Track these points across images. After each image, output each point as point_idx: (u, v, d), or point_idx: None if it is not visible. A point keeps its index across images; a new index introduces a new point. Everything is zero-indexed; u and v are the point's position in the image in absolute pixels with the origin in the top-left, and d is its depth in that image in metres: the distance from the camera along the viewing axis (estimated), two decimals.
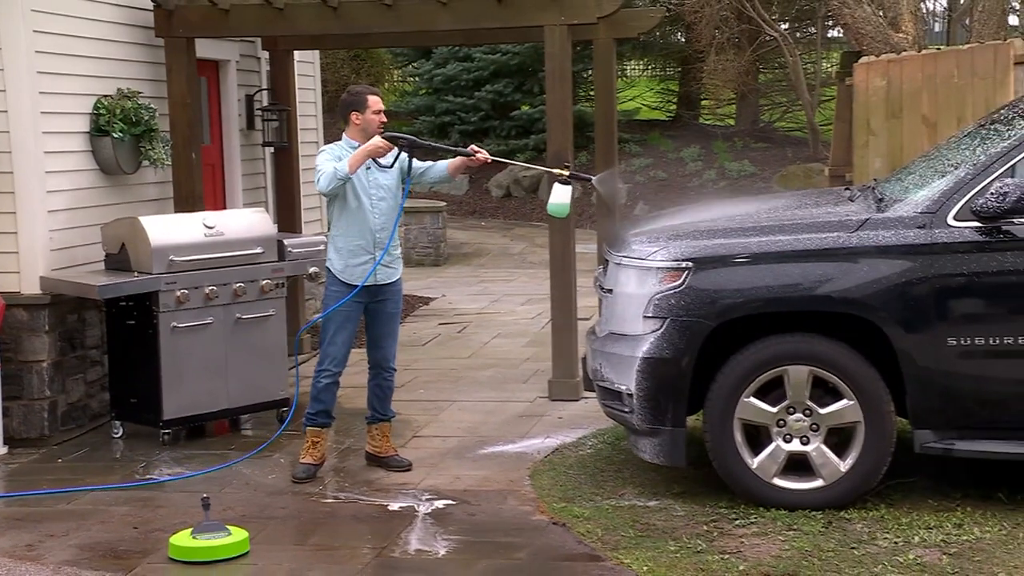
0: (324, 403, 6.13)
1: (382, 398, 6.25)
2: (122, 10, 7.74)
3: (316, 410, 6.13)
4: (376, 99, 6.11)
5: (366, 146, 5.91)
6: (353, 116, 6.07)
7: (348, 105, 6.10)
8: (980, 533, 5.01)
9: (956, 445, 5.26)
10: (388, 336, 6.21)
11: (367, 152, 5.90)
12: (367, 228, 6.01)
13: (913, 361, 5.21)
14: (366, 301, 6.07)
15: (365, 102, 6.06)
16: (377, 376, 6.24)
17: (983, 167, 5.30)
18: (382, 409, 6.26)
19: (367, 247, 6.01)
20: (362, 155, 5.89)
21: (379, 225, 6.02)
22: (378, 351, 6.20)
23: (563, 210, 6.07)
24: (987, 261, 5.19)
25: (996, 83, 8.05)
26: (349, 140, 6.09)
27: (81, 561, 5.09)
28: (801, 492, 5.34)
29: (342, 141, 6.11)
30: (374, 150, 5.91)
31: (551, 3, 7.46)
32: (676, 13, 17.63)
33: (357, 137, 6.07)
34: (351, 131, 6.09)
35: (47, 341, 6.94)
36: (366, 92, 6.15)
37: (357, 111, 6.06)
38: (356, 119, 6.06)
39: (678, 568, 4.75)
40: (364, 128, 6.06)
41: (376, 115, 6.07)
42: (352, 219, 6.01)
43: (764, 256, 5.37)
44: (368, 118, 6.05)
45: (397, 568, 4.96)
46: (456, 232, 16.21)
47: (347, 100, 6.14)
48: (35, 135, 6.93)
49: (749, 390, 5.34)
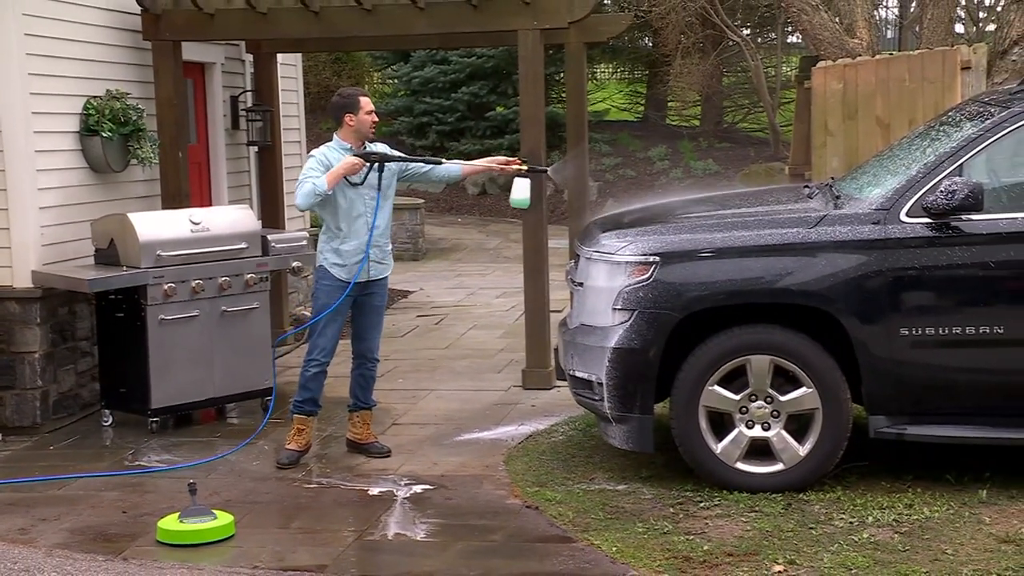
0: (311, 391, 6.10)
1: (364, 387, 6.23)
2: (111, 14, 7.68)
3: (304, 398, 6.10)
4: (368, 100, 6.05)
5: (343, 165, 5.86)
6: (347, 118, 6.00)
7: (341, 107, 6.02)
8: (929, 512, 5.05)
9: (908, 430, 5.29)
10: (373, 327, 6.18)
11: (344, 170, 5.86)
12: (362, 227, 5.96)
13: (868, 351, 5.24)
14: (355, 294, 6.05)
15: (358, 103, 6.00)
16: (361, 366, 6.21)
17: (933, 166, 5.33)
18: (364, 398, 6.24)
19: (361, 245, 5.97)
20: (339, 173, 5.85)
21: (373, 225, 5.97)
22: (363, 342, 6.18)
23: (524, 202, 6.22)
24: (937, 256, 5.22)
25: (945, 87, 8.11)
26: (341, 142, 6.02)
27: (72, 544, 5.06)
28: (762, 476, 5.37)
29: (333, 143, 6.04)
30: (350, 168, 5.87)
31: (524, 8, 7.45)
32: (644, 19, 17.64)
33: (349, 138, 6.01)
34: (344, 132, 6.03)
35: (39, 333, 6.88)
36: (358, 94, 6.09)
37: (351, 113, 5.99)
38: (350, 120, 6.00)
39: (646, 549, 4.77)
40: (357, 129, 6.00)
41: (368, 115, 6.01)
42: (346, 218, 5.96)
43: (727, 251, 5.38)
44: (361, 119, 5.99)
45: (377, 550, 4.96)
46: (434, 228, 16.18)
47: (340, 102, 6.06)
48: (26, 134, 6.86)
49: (713, 379, 5.36)
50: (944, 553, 4.63)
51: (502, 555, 4.85)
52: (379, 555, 4.90)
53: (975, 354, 5.23)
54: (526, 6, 7.43)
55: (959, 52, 8.28)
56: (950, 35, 11.32)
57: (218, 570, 4.74)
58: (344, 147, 6.00)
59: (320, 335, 6.04)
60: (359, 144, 6.03)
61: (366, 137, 6.06)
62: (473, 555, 4.84)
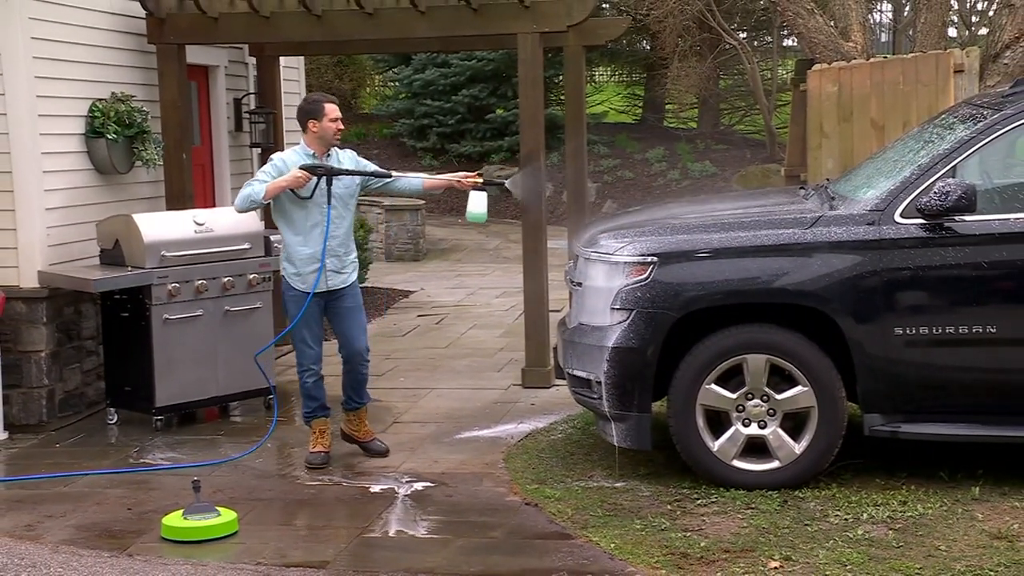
0: (317, 399, 6.06)
1: (357, 388, 6.12)
2: (116, 18, 7.68)
3: (312, 407, 6.06)
4: (333, 107, 5.91)
5: (287, 177, 5.75)
6: (311, 124, 5.88)
7: (306, 113, 5.91)
8: (923, 509, 5.05)
9: (902, 428, 5.30)
10: (354, 328, 6.02)
11: (288, 183, 5.76)
12: (318, 236, 5.85)
13: (863, 350, 5.25)
14: (324, 302, 5.95)
15: (322, 110, 5.87)
16: (352, 369, 6.08)
17: (927, 168, 5.34)
18: (358, 397, 6.15)
19: (317, 255, 5.85)
20: (282, 184, 5.75)
21: (329, 234, 5.86)
22: (350, 345, 6.02)
23: (481, 216, 6.05)
24: (931, 256, 5.22)
25: (938, 90, 8.12)
26: (306, 148, 5.92)
27: (78, 540, 5.06)
28: (759, 473, 5.37)
29: (299, 148, 5.94)
30: (293, 181, 5.76)
31: (524, 12, 7.45)
32: (642, 22, 17.64)
33: (314, 144, 5.90)
34: (308, 138, 5.91)
35: (45, 332, 6.88)
36: (323, 100, 5.95)
37: (314, 119, 5.87)
38: (313, 127, 5.87)
39: (644, 545, 4.77)
40: (321, 136, 5.88)
41: (333, 123, 5.88)
42: (301, 228, 5.87)
43: (724, 251, 5.38)
44: (325, 126, 5.87)
45: (378, 547, 4.96)
46: (434, 228, 16.18)
47: (305, 108, 5.95)
48: (33, 136, 6.87)
49: (710, 377, 5.36)
50: (937, 549, 4.64)
51: (502, 552, 4.85)
52: (380, 552, 4.90)
53: (968, 353, 5.23)
54: (525, 10, 7.43)
55: (952, 56, 8.28)
56: (943, 39, 11.33)
57: (222, 566, 4.74)
58: (308, 153, 5.89)
59: (302, 344, 5.95)
60: (322, 151, 5.92)
61: (330, 144, 5.93)
62: (473, 552, 4.84)
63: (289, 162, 5.89)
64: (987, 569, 4.43)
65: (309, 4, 7.59)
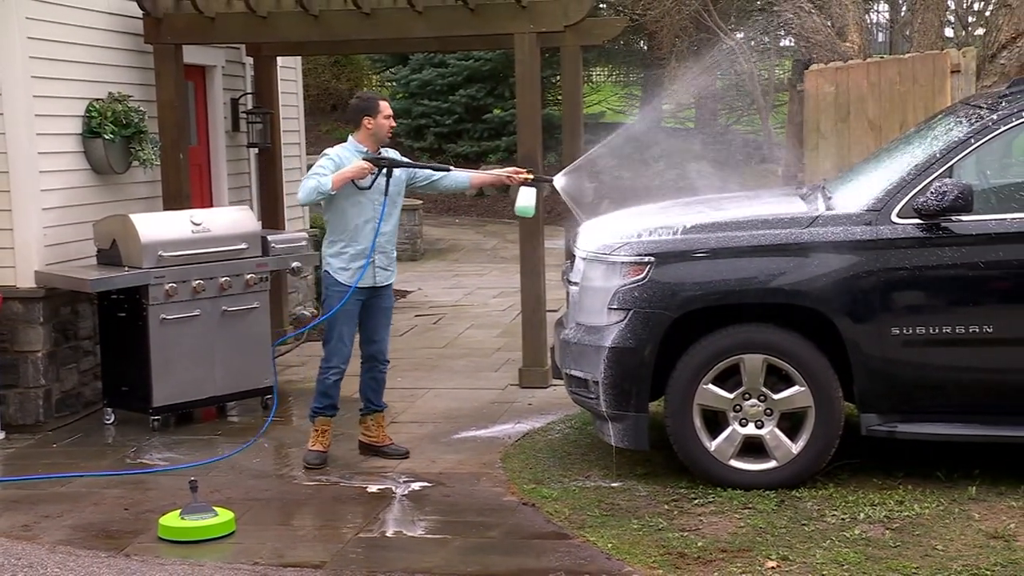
0: (332, 397, 6.06)
1: (376, 390, 6.14)
2: (113, 18, 7.67)
3: (325, 404, 6.05)
4: (387, 105, 5.99)
5: (352, 168, 5.81)
6: (365, 120, 5.92)
7: (361, 110, 5.95)
8: (920, 509, 5.05)
9: (899, 428, 5.30)
10: (383, 329, 6.11)
11: (353, 173, 5.81)
12: (369, 231, 5.90)
13: (860, 350, 5.25)
14: (364, 298, 5.99)
15: (377, 107, 5.93)
16: (372, 369, 6.12)
17: (924, 168, 5.34)
18: (376, 400, 6.16)
19: (367, 252, 5.90)
20: (348, 175, 5.80)
21: (380, 231, 5.91)
22: (374, 344, 6.09)
23: (529, 211, 6.16)
24: (928, 256, 5.22)
25: (935, 90, 8.12)
26: (357, 144, 5.95)
27: (75, 540, 5.05)
28: (756, 473, 5.37)
29: (348, 144, 5.97)
30: (359, 172, 5.82)
31: (521, 12, 7.44)
32: (639, 22, 17.64)
33: (367, 141, 5.94)
34: (361, 135, 5.95)
35: (42, 332, 6.88)
36: (378, 98, 6.03)
37: (370, 116, 5.91)
38: (368, 123, 5.92)
39: (641, 545, 4.77)
40: (375, 132, 5.93)
41: (387, 120, 5.95)
42: (353, 222, 5.90)
43: (721, 251, 5.38)
44: (380, 123, 5.92)
45: (376, 546, 4.95)
46: (431, 228, 16.18)
47: (359, 105, 6.00)
48: (30, 136, 6.86)
49: (708, 377, 5.36)
50: (934, 549, 4.64)
51: (499, 551, 4.85)
52: (378, 552, 4.90)
53: (965, 353, 5.23)
54: (522, 10, 7.43)
55: (949, 56, 8.29)
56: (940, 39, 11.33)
57: (219, 566, 4.74)
58: (360, 150, 5.94)
59: (339, 341, 5.96)
60: (375, 148, 5.97)
61: (383, 141, 6.00)
62: (471, 551, 4.84)
63: (343, 158, 5.91)
64: (983, 568, 4.43)
65: (306, 4, 7.59)
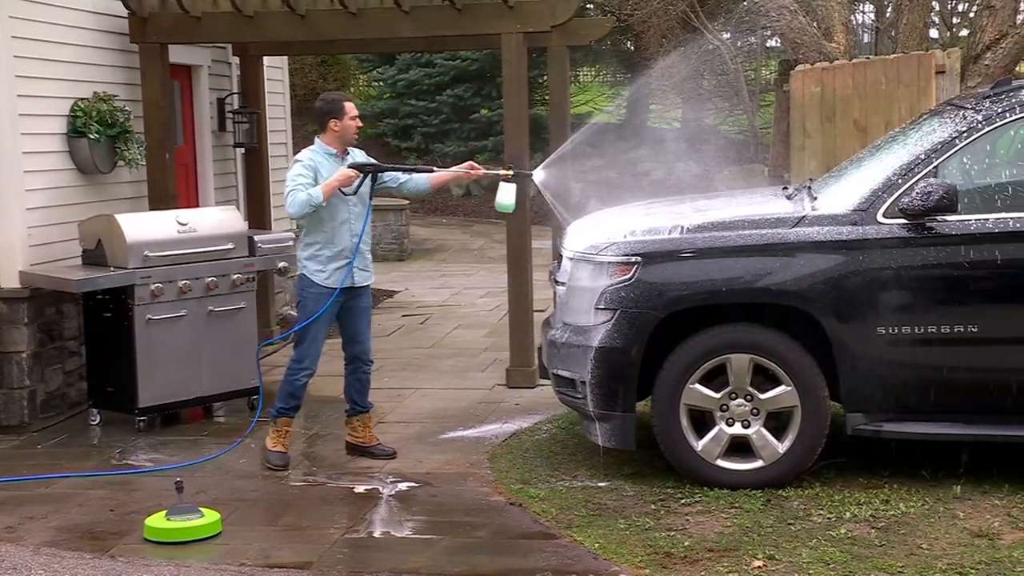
0: (299, 398, 6.07)
1: (361, 391, 6.14)
2: (98, 17, 7.64)
3: (292, 405, 6.05)
4: (352, 106, 5.98)
5: (338, 176, 5.81)
6: (331, 123, 5.91)
7: (326, 113, 5.94)
8: (905, 508, 5.07)
9: (884, 427, 5.31)
10: (365, 330, 6.11)
11: (339, 182, 5.81)
12: (345, 233, 5.91)
13: (846, 349, 5.26)
14: (343, 300, 5.98)
15: (343, 109, 5.92)
16: (356, 370, 6.12)
17: (909, 168, 5.36)
18: (362, 402, 6.15)
19: (345, 252, 5.91)
20: (335, 184, 5.80)
21: (355, 231, 5.92)
22: (357, 346, 6.09)
23: (509, 207, 6.15)
24: (913, 256, 5.24)
25: (920, 90, 8.16)
26: (325, 146, 5.94)
27: (60, 542, 5.03)
28: (742, 472, 5.38)
29: (316, 147, 5.96)
30: (346, 180, 5.82)
31: (508, 12, 7.44)
32: (626, 22, 17.66)
33: (334, 143, 5.94)
34: (328, 137, 5.94)
35: (26, 333, 6.84)
36: (343, 99, 6.01)
37: (335, 118, 5.91)
38: (335, 126, 5.91)
39: (628, 545, 4.77)
40: (342, 134, 5.93)
41: (353, 121, 5.94)
42: (329, 225, 5.88)
43: (708, 251, 5.39)
44: (346, 124, 5.92)
45: (363, 547, 4.94)
46: (419, 228, 16.16)
47: (325, 107, 5.98)
48: (14, 136, 6.83)
49: (694, 377, 5.37)
50: (919, 548, 4.66)
51: (486, 551, 4.85)
52: (364, 552, 4.89)
53: (950, 353, 5.25)
54: (509, 10, 7.43)
55: (934, 56, 8.33)
56: (925, 40, 11.37)
57: (205, 567, 4.72)
58: (329, 152, 5.93)
59: (312, 343, 5.96)
60: (342, 150, 5.97)
61: (350, 143, 6.00)
62: (458, 551, 4.83)
63: (316, 162, 5.89)
64: (968, 567, 4.45)
65: (293, 4, 7.57)
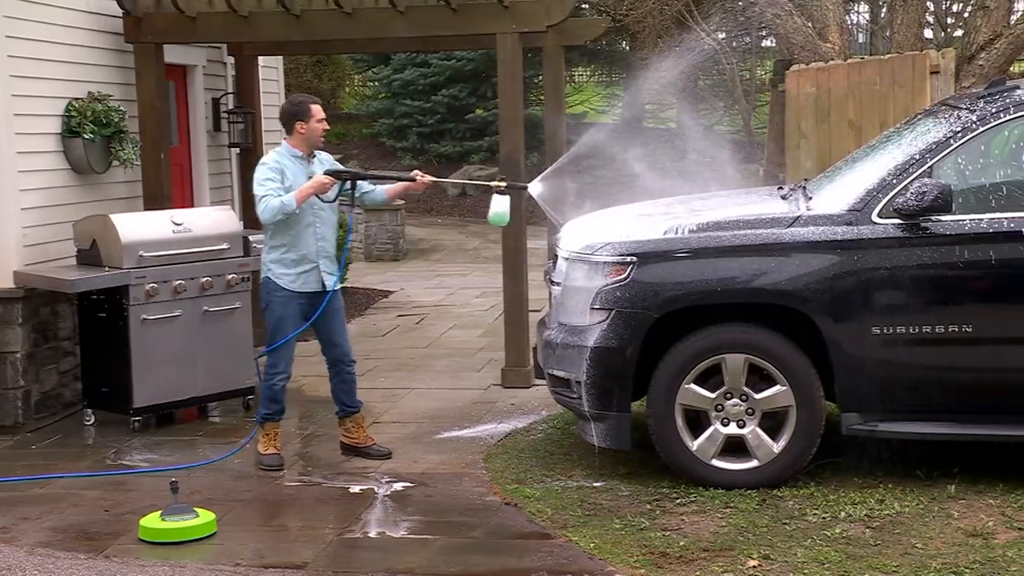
0: (280, 402, 6.05)
1: (348, 391, 6.11)
2: (93, 17, 7.63)
3: (274, 410, 6.03)
4: (319, 108, 5.92)
5: (313, 183, 5.78)
6: (298, 125, 5.88)
7: (293, 115, 5.90)
8: (900, 507, 5.08)
9: (879, 427, 5.32)
10: (341, 331, 6.07)
11: (314, 189, 5.78)
12: (310, 239, 5.88)
13: (841, 349, 5.27)
14: (312, 304, 5.93)
15: (309, 112, 5.88)
16: (340, 372, 6.09)
17: (904, 168, 5.37)
18: (351, 402, 6.13)
19: (311, 256, 5.88)
20: (309, 191, 5.77)
21: (321, 235, 5.90)
22: (336, 348, 6.05)
23: (502, 219, 6.02)
24: (908, 256, 5.25)
25: (914, 91, 8.18)
26: (291, 149, 5.91)
27: (54, 543, 5.02)
28: (737, 472, 5.39)
29: (282, 149, 5.92)
30: (320, 187, 5.79)
31: (503, 12, 7.44)
32: (621, 22, 17.67)
33: (300, 146, 5.91)
34: (294, 140, 5.91)
35: (21, 333, 6.83)
36: (309, 102, 5.96)
37: (302, 120, 5.87)
38: (301, 128, 5.87)
39: (623, 544, 4.77)
40: (308, 137, 5.90)
41: (319, 124, 5.90)
42: (294, 228, 5.85)
43: (703, 251, 5.40)
44: (312, 127, 5.88)
45: (358, 547, 4.94)
46: (414, 229, 16.15)
47: (291, 110, 5.94)
48: (8, 136, 6.81)
49: (690, 377, 5.37)
50: (914, 547, 4.66)
51: (482, 551, 4.85)
52: (360, 552, 4.89)
53: (945, 352, 5.26)
54: (504, 10, 7.43)
55: (928, 57, 8.35)
56: (919, 40, 11.39)
57: (200, 568, 4.72)
58: (295, 154, 5.89)
59: (285, 347, 5.92)
60: (308, 152, 5.93)
61: (316, 146, 5.96)
62: (453, 552, 4.83)
63: (283, 164, 5.86)
64: (963, 566, 4.46)
65: (288, 3, 7.56)
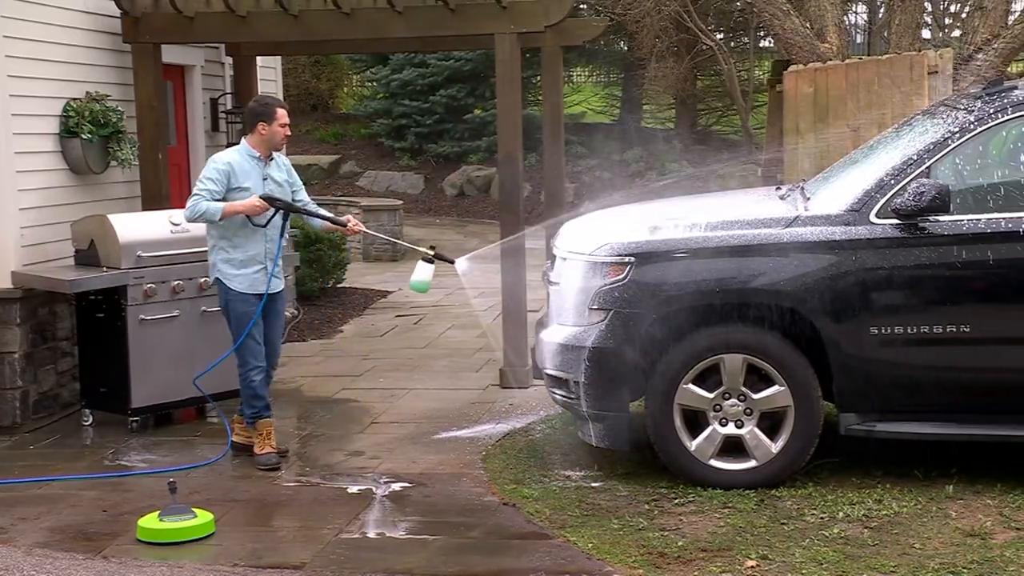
0: (263, 398, 6.03)
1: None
2: (91, 17, 7.63)
3: (259, 407, 6.02)
4: (284, 112, 5.92)
5: (246, 204, 5.80)
6: (260, 126, 5.88)
7: (257, 115, 5.90)
8: (898, 507, 5.09)
9: (877, 427, 5.33)
10: (279, 335, 6.17)
11: (245, 210, 5.80)
12: (260, 238, 5.90)
13: (839, 349, 5.27)
14: (263, 304, 5.97)
15: (274, 114, 5.88)
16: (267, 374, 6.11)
17: (902, 168, 5.37)
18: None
19: (259, 258, 5.91)
20: (239, 209, 5.80)
21: (269, 237, 5.93)
22: (270, 346, 6.08)
23: (424, 286, 6.03)
24: (906, 256, 5.26)
25: (912, 91, 8.19)
26: (249, 148, 5.91)
27: (52, 543, 5.02)
28: (736, 472, 5.39)
29: (240, 147, 5.94)
30: (253, 210, 5.81)
31: (501, 12, 7.44)
32: (619, 23, 17.67)
33: (259, 147, 5.91)
34: (254, 139, 5.91)
35: (19, 333, 6.83)
36: (276, 104, 5.97)
37: (265, 122, 5.87)
38: (263, 129, 5.88)
39: (621, 545, 4.77)
40: (269, 139, 5.90)
41: (282, 128, 5.90)
42: (246, 232, 5.89)
43: (701, 251, 5.40)
44: (275, 130, 5.89)
45: (356, 547, 4.94)
46: (412, 229, 16.13)
47: (256, 110, 5.94)
48: (6, 136, 6.81)
49: (688, 377, 5.38)
50: (912, 547, 4.67)
51: (480, 552, 4.85)
52: (358, 552, 4.89)
53: (943, 352, 5.26)
54: (503, 10, 7.43)
55: (926, 57, 8.36)
56: (917, 40, 11.39)
57: (198, 568, 4.72)
58: (252, 155, 5.90)
59: (252, 340, 5.93)
60: (266, 154, 5.94)
61: (276, 148, 5.97)
62: (451, 552, 4.83)
63: (234, 164, 5.86)
64: (961, 566, 4.46)
65: (286, 4, 7.56)
